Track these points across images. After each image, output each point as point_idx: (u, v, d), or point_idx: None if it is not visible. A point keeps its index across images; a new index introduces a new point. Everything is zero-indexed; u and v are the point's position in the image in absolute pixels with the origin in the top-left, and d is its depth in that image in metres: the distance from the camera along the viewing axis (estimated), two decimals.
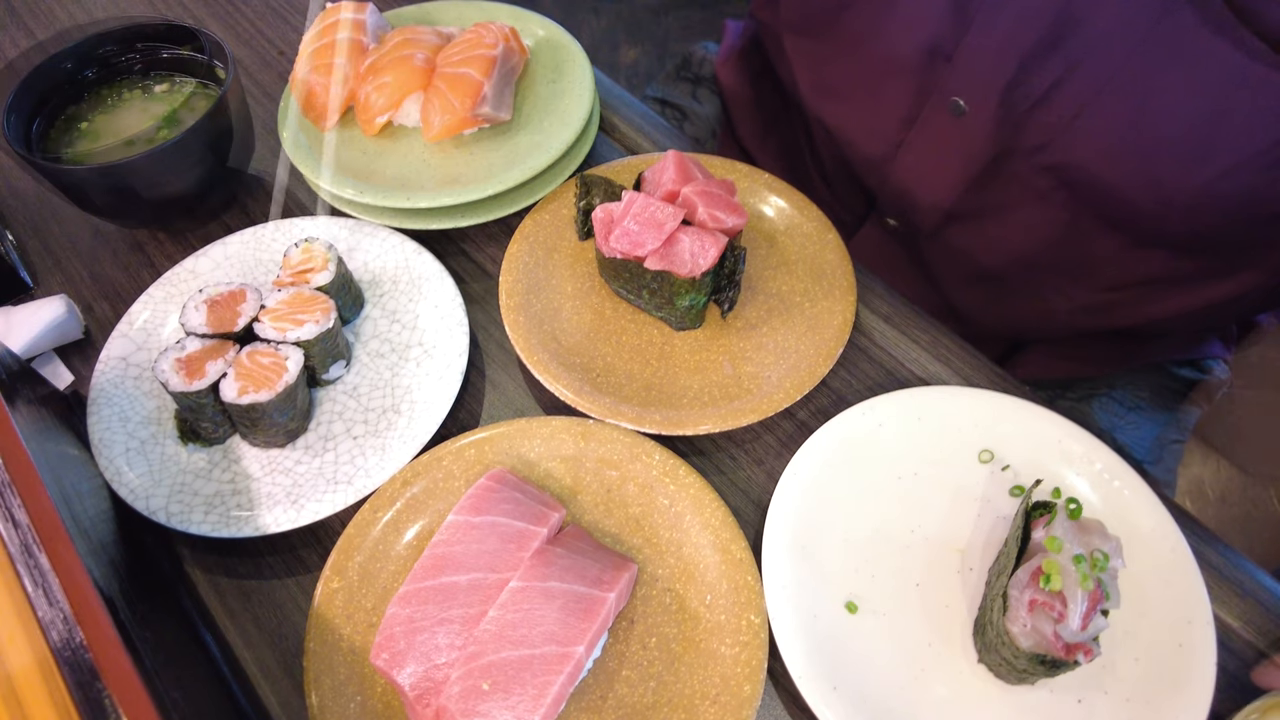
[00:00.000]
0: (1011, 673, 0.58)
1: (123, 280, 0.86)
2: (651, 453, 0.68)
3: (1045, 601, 0.56)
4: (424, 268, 0.80)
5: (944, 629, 0.63)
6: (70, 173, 0.76)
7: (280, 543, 0.69)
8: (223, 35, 1.09)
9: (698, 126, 1.22)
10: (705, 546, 0.64)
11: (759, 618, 0.60)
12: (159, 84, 0.89)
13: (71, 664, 0.41)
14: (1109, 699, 0.59)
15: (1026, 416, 0.70)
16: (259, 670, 0.64)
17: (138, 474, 0.68)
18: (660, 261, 0.71)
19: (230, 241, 0.83)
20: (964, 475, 0.69)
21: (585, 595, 0.59)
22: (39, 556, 0.45)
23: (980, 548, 0.66)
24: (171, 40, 0.88)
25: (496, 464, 0.69)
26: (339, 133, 0.87)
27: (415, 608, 0.58)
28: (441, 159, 0.85)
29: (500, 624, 0.57)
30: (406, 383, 0.74)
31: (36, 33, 1.10)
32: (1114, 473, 0.67)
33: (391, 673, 0.56)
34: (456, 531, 0.61)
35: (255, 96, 1.02)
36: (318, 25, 0.88)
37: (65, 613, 0.43)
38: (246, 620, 0.66)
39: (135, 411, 0.72)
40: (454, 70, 0.84)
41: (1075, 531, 0.59)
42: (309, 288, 0.73)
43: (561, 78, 0.90)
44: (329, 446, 0.71)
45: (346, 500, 0.66)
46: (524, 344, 0.74)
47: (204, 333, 0.70)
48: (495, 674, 0.55)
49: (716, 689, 0.59)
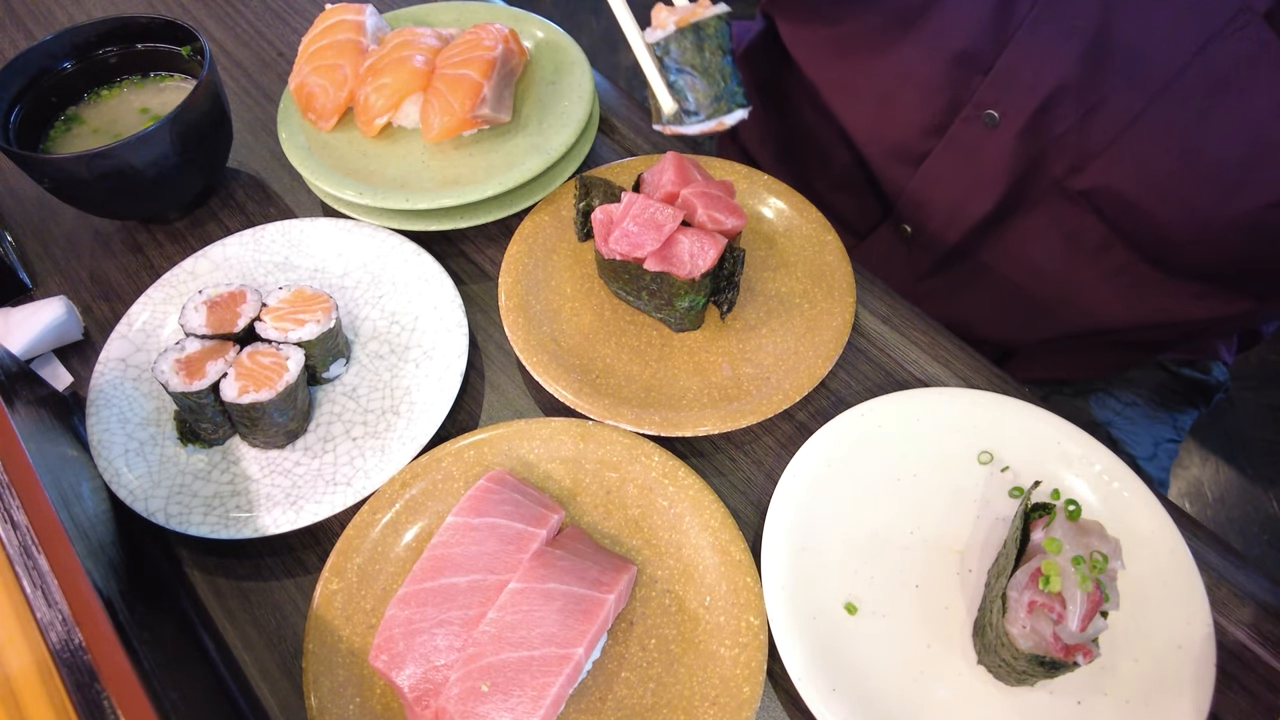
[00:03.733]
0: (1011, 674, 0.58)
1: (122, 281, 0.86)
2: (651, 454, 0.68)
3: (1044, 603, 0.56)
4: (423, 269, 0.80)
5: (943, 630, 0.63)
6: (47, 163, 0.76)
7: (279, 544, 0.69)
8: (222, 37, 1.09)
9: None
10: (705, 548, 0.64)
11: (758, 619, 0.60)
12: (160, 83, 0.89)
13: (70, 665, 0.41)
14: (1108, 700, 0.59)
15: (1026, 418, 0.70)
16: (258, 671, 0.64)
17: (137, 475, 0.68)
18: (659, 263, 0.71)
19: (229, 243, 0.83)
20: (963, 477, 0.69)
21: (584, 597, 0.59)
22: (38, 558, 0.45)
23: (979, 549, 0.66)
24: (160, 38, 0.88)
25: (496, 465, 0.68)
26: (338, 134, 0.88)
27: (414, 609, 0.58)
28: (441, 160, 0.85)
29: (499, 625, 0.57)
30: (406, 384, 0.74)
31: (36, 33, 1.10)
32: (1113, 474, 0.67)
33: (390, 674, 0.56)
34: (456, 533, 0.61)
35: (255, 98, 1.02)
36: (317, 26, 0.88)
37: (64, 614, 0.43)
38: (245, 621, 0.66)
39: (134, 413, 0.72)
40: (453, 72, 0.84)
41: (1074, 533, 0.59)
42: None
43: (561, 79, 0.90)
44: (328, 448, 0.71)
45: (345, 502, 0.66)
46: (523, 345, 0.74)
47: (204, 334, 0.70)
48: (494, 675, 0.55)
49: (716, 690, 0.59)
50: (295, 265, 0.83)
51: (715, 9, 0.63)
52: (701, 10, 0.62)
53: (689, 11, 0.62)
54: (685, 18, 0.62)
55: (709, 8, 0.63)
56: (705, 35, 0.62)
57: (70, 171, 0.76)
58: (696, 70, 0.62)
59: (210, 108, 0.83)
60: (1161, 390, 0.98)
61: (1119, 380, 0.98)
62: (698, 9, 0.63)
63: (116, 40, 0.87)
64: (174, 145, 0.79)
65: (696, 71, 0.62)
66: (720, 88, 0.63)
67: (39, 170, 0.77)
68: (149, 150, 0.78)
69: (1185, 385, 1.00)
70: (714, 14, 0.62)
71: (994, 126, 0.77)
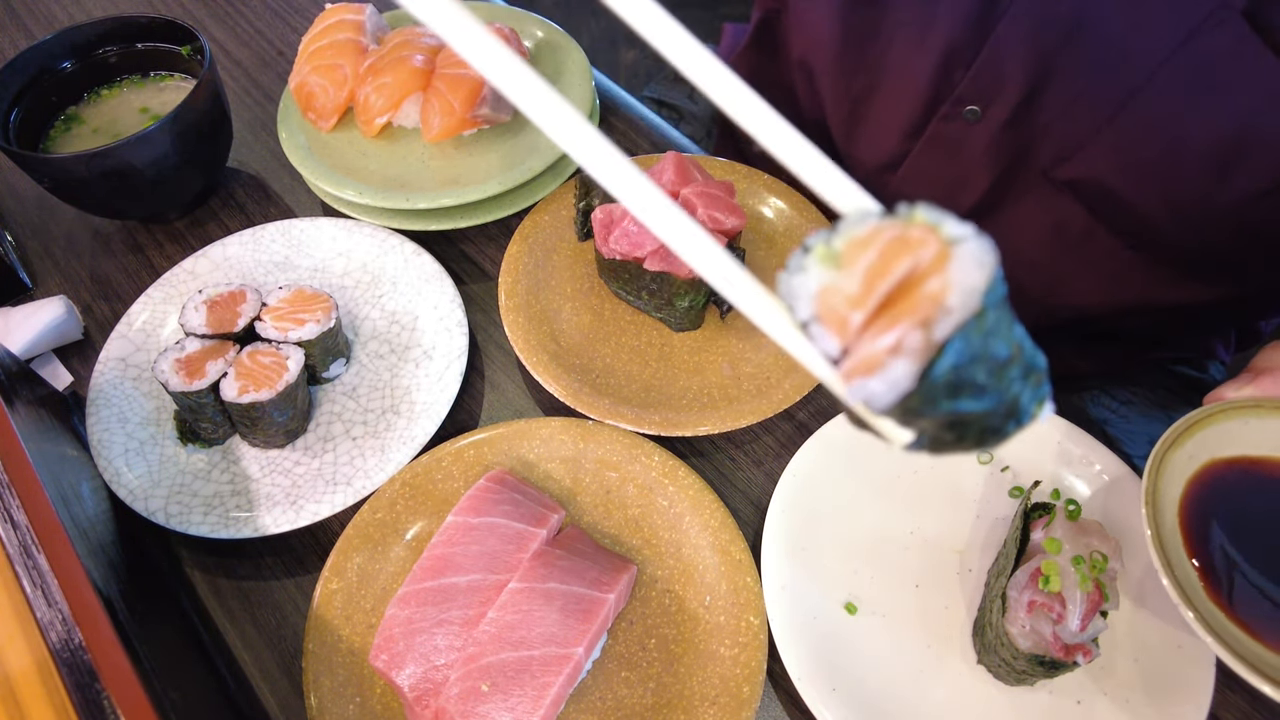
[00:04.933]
0: (1010, 674, 0.58)
1: (122, 281, 0.86)
2: (651, 454, 0.68)
3: (1044, 603, 0.56)
4: (423, 268, 0.80)
5: (943, 630, 0.63)
6: (47, 163, 0.76)
7: (279, 544, 0.69)
8: (222, 36, 1.09)
9: (694, 127, 1.21)
10: (704, 548, 0.64)
11: (758, 619, 0.60)
12: (160, 82, 0.89)
13: (70, 665, 0.41)
14: (1108, 700, 0.59)
15: None
16: (258, 671, 0.64)
17: (137, 475, 0.68)
18: (660, 262, 0.71)
19: (229, 242, 0.83)
20: (963, 476, 0.69)
21: (584, 596, 0.59)
22: (38, 557, 0.45)
23: (979, 549, 0.66)
24: (160, 37, 0.87)
25: (495, 465, 0.68)
26: (338, 134, 0.87)
27: (414, 609, 0.58)
28: (441, 160, 0.85)
29: (499, 625, 0.57)
30: (405, 384, 0.74)
31: (36, 33, 1.10)
32: (1113, 474, 0.67)
33: (391, 674, 0.56)
34: (455, 533, 0.61)
35: (255, 97, 1.01)
36: (317, 26, 0.88)
37: (64, 614, 0.43)
38: (245, 621, 0.66)
39: (134, 412, 0.72)
40: (453, 71, 0.84)
41: (1074, 533, 0.59)
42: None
43: (561, 79, 0.90)
44: (328, 447, 0.71)
45: (345, 501, 0.66)
46: (523, 345, 0.74)
47: (204, 333, 0.70)
48: (494, 675, 0.55)
49: (716, 690, 0.59)
50: (295, 265, 0.83)
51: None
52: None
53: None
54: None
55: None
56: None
57: (70, 171, 0.76)
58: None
59: (210, 107, 0.83)
60: (1158, 389, 0.98)
61: (1115, 378, 0.98)
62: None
63: (116, 40, 0.87)
64: (174, 145, 0.79)
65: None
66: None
67: (39, 170, 0.77)
68: (149, 150, 0.78)
69: (1182, 384, 0.99)
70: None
71: (976, 121, 0.77)
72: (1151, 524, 0.53)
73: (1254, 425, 0.57)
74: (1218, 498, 0.56)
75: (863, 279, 0.29)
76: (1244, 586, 0.53)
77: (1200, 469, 0.57)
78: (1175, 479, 0.56)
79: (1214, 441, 0.57)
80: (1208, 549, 0.54)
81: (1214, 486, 0.56)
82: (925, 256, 0.28)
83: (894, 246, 0.28)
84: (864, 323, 0.29)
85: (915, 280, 0.28)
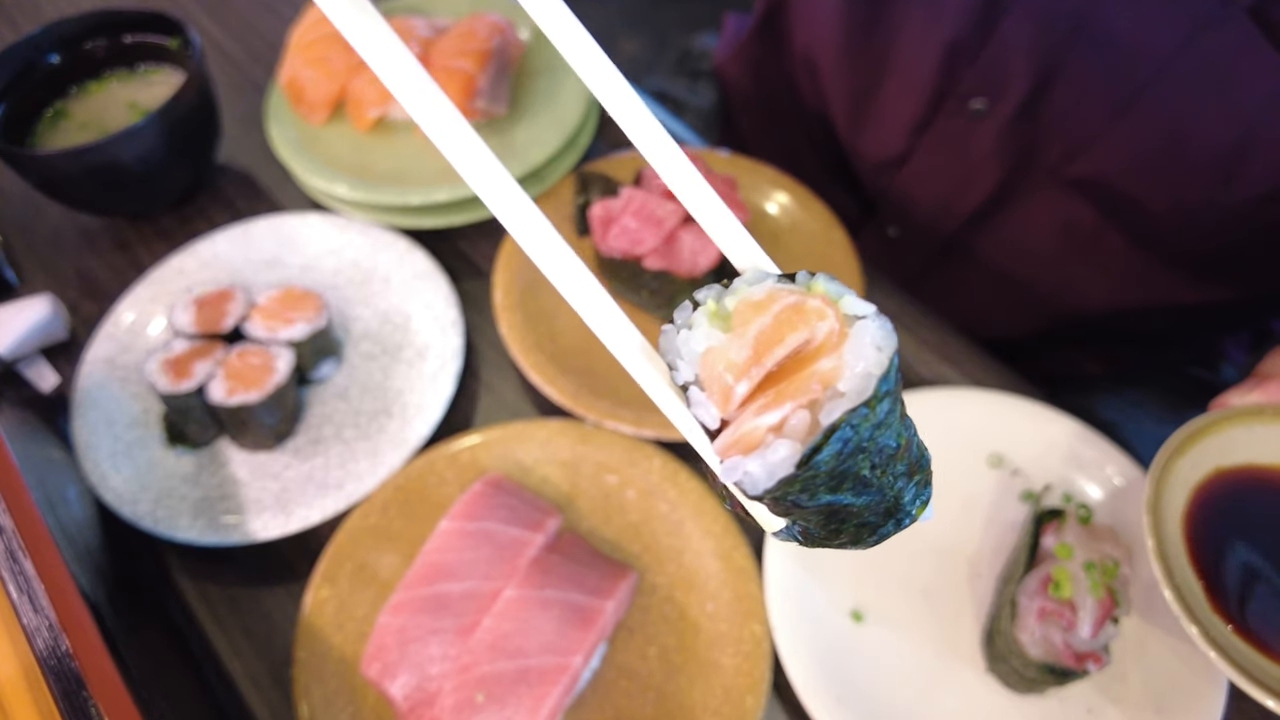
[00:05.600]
0: (1021, 682, 0.57)
1: (108, 279, 0.84)
2: (651, 457, 0.66)
3: (1055, 610, 0.54)
4: (416, 266, 0.79)
5: (952, 638, 0.61)
6: (34, 159, 0.75)
7: (269, 549, 0.67)
8: (211, 28, 1.07)
9: (695, 120, 1.20)
10: (706, 554, 0.63)
11: (761, 627, 0.59)
12: (148, 76, 0.87)
13: (57, 672, 0.40)
14: (1119, 708, 0.58)
15: (1036, 419, 0.68)
16: (248, 680, 0.62)
17: (124, 478, 0.66)
18: (660, 260, 0.69)
19: (218, 239, 0.81)
20: (973, 480, 0.68)
21: (583, 604, 0.57)
22: (24, 562, 0.44)
23: (989, 554, 0.65)
24: (148, 29, 0.86)
25: (491, 469, 0.67)
26: (330, 128, 0.86)
27: (407, 617, 0.57)
28: (435, 154, 0.83)
29: (495, 634, 0.56)
30: (398, 385, 0.72)
31: (23, 26, 1.09)
32: (1126, 478, 0.65)
33: (383, 684, 0.55)
34: (450, 539, 0.60)
35: (245, 91, 1.00)
36: (308, 18, 0.87)
37: (50, 620, 0.42)
38: (234, 628, 0.64)
39: (121, 414, 0.70)
40: (448, 63, 0.82)
41: (1086, 538, 0.58)
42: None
43: (558, 70, 0.88)
44: (318, 451, 0.69)
45: (336, 506, 0.65)
46: (519, 345, 0.73)
47: (192, 333, 0.69)
48: (490, 685, 0.54)
49: (718, 701, 0.57)
50: (285, 262, 0.81)
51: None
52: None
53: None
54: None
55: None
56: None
57: (58, 167, 0.75)
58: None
59: (199, 102, 0.81)
60: (1169, 391, 0.97)
61: (1126, 380, 0.97)
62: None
63: (103, 32, 0.85)
64: (163, 140, 0.78)
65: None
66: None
67: (26, 166, 0.76)
68: (137, 145, 0.76)
69: (1193, 385, 0.98)
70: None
71: (982, 117, 0.76)
72: (1153, 534, 0.51)
73: (1259, 433, 0.55)
74: (1223, 508, 0.55)
75: (752, 346, 0.26)
76: (1250, 599, 0.52)
77: (1205, 478, 0.55)
78: (1179, 488, 0.54)
79: (1219, 449, 0.55)
80: (1213, 560, 0.53)
81: (1220, 496, 0.55)
82: (821, 331, 0.26)
83: (789, 314, 0.26)
84: (748, 394, 0.27)
85: (808, 356, 0.26)
